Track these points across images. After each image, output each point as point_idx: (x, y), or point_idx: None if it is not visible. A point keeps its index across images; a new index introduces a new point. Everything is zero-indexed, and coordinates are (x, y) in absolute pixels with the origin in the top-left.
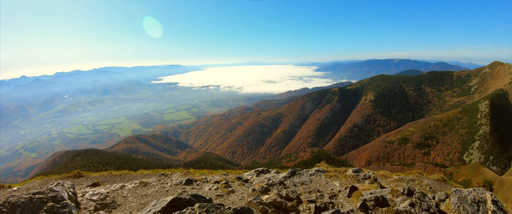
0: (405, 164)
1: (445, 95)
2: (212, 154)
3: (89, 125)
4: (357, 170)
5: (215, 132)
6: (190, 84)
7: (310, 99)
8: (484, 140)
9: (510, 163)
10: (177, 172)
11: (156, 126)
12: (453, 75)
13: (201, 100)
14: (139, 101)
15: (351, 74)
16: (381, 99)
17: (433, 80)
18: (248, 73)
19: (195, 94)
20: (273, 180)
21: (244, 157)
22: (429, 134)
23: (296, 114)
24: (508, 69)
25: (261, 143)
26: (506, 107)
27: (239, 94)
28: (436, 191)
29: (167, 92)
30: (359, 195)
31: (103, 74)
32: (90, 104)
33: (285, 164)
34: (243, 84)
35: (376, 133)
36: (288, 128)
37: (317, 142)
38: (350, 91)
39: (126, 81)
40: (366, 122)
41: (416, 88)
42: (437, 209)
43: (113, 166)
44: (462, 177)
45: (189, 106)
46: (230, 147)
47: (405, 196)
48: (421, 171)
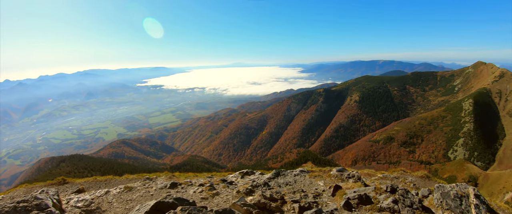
0: (390, 162)
1: (429, 95)
2: (198, 157)
3: (74, 129)
4: (341, 169)
5: (201, 134)
6: (175, 87)
7: (296, 100)
8: (468, 137)
9: (494, 158)
10: (162, 175)
11: (141, 129)
12: (437, 75)
13: (186, 102)
14: (124, 105)
15: (336, 75)
16: (366, 100)
17: (417, 80)
18: (233, 75)
19: (180, 97)
20: (257, 182)
21: (230, 159)
22: (414, 133)
23: (281, 115)
24: (491, 69)
25: (247, 144)
26: (490, 105)
27: (225, 97)
28: (420, 187)
29: (152, 95)
30: (343, 194)
31: (88, 77)
32: (75, 109)
33: (271, 165)
34: (228, 86)
35: (361, 132)
36: (274, 129)
37: (303, 142)
38: (335, 92)
39: (111, 84)
40: (352, 122)
41: (400, 88)
42: (420, 205)
43: (99, 172)
44: (447, 173)
45: (175, 109)
46: (216, 149)
47: (388, 193)
48: (405, 169)
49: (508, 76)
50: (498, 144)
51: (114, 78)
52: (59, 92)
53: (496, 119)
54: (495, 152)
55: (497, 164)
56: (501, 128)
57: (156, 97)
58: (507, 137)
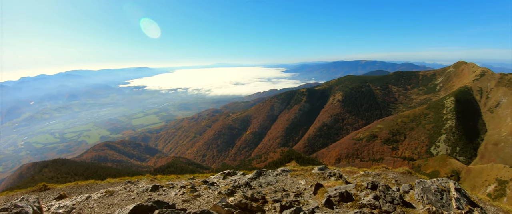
0: (374, 160)
1: (412, 94)
2: (182, 158)
3: (56, 133)
4: (322, 167)
5: (185, 135)
6: (158, 88)
7: (279, 100)
8: (450, 133)
9: (476, 153)
10: (143, 178)
11: (124, 131)
12: (419, 74)
13: (170, 103)
14: (107, 106)
15: (319, 75)
16: (349, 99)
17: (400, 79)
18: (216, 75)
19: (164, 98)
20: (239, 182)
21: (214, 160)
22: (397, 130)
23: (265, 115)
24: (472, 68)
25: (231, 145)
26: (471, 102)
27: (208, 97)
28: (401, 183)
29: (135, 96)
30: (324, 192)
31: (70, 78)
32: (57, 111)
33: (255, 165)
34: (211, 86)
35: (345, 131)
36: (258, 129)
37: (287, 142)
38: (318, 91)
39: (93, 85)
40: (335, 120)
41: (383, 87)
42: (401, 200)
43: (82, 176)
44: (430, 169)
45: (158, 110)
46: (200, 150)
47: (369, 190)
48: (387, 165)
49: (489, 75)
50: (479, 139)
51: (96, 79)
52: (41, 95)
53: (478, 115)
54: (477, 146)
55: (479, 158)
56: (482, 123)
57: (139, 98)
58: (489, 132)
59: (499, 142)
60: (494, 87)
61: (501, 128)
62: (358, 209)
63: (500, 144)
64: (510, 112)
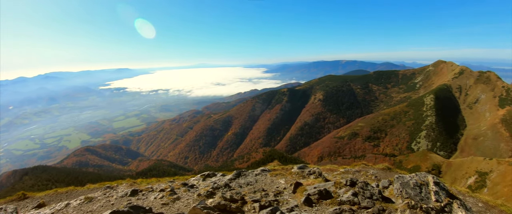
0: (356, 157)
1: (392, 92)
2: (164, 161)
3: (36, 139)
4: (302, 166)
5: (166, 138)
6: (139, 89)
7: (260, 100)
8: (431, 129)
9: (456, 147)
10: (123, 183)
11: (105, 135)
12: (399, 73)
13: (151, 105)
14: (87, 109)
15: (300, 75)
16: (329, 98)
17: (380, 79)
18: (197, 76)
19: (144, 100)
20: (218, 183)
21: (197, 162)
22: (378, 128)
23: (246, 115)
24: (451, 66)
25: (213, 146)
26: (450, 99)
27: (189, 98)
28: (381, 179)
29: (115, 98)
30: (303, 190)
31: (49, 81)
32: (37, 116)
33: (238, 166)
34: (192, 87)
35: (326, 129)
36: (239, 130)
37: (269, 141)
38: (299, 91)
39: (73, 87)
40: (316, 120)
41: (363, 86)
42: (380, 195)
43: (63, 183)
44: (411, 164)
45: (139, 112)
46: (182, 153)
47: (348, 187)
48: (367, 162)
49: (467, 73)
50: (459, 134)
51: (76, 81)
52: (20, 99)
53: (457, 112)
54: (456, 141)
55: (459, 152)
56: (462, 119)
57: (120, 101)
58: (468, 127)
59: (478, 136)
60: (472, 84)
61: (481, 122)
62: (337, 206)
63: (479, 138)
64: (489, 107)
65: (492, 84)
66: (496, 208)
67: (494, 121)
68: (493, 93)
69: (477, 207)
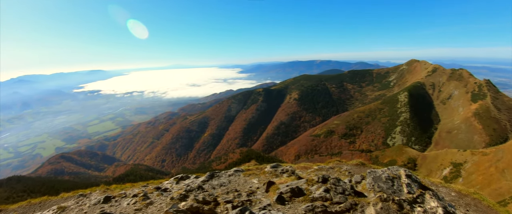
0: (332, 154)
1: (366, 90)
2: (141, 166)
3: (10, 147)
4: (275, 165)
5: (142, 141)
6: (113, 91)
7: (236, 100)
8: (405, 125)
9: (431, 141)
10: (96, 190)
11: (80, 140)
12: (373, 72)
13: (126, 108)
14: (61, 114)
15: (275, 75)
16: (305, 97)
17: (354, 78)
18: (172, 77)
19: (119, 102)
20: (192, 186)
21: (174, 165)
22: (353, 125)
23: (222, 116)
24: (424, 65)
25: (189, 148)
26: (424, 96)
27: (164, 100)
28: (354, 174)
29: (89, 101)
30: (276, 189)
31: (22, 85)
32: (10, 122)
33: (215, 167)
34: (167, 89)
35: (302, 128)
36: (216, 131)
37: (245, 142)
38: (274, 91)
39: (47, 91)
40: (292, 119)
41: (338, 85)
42: (353, 190)
43: (39, 193)
44: (387, 159)
45: (113, 115)
46: (159, 156)
47: (320, 183)
48: (340, 159)
49: (440, 71)
50: (433, 128)
51: (49, 84)
52: None
53: (431, 107)
54: (431, 135)
55: (434, 145)
56: (435, 114)
57: (94, 104)
58: (442, 121)
59: (452, 129)
60: (446, 81)
61: (454, 117)
62: (310, 203)
63: (453, 131)
64: (462, 102)
65: (464, 81)
66: (468, 196)
67: (467, 115)
68: (466, 89)
69: (450, 197)
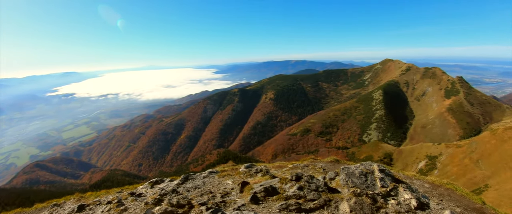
0: (309, 152)
1: (342, 89)
2: (117, 171)
3: None
4: (249, 165)
5: (118, 145)
6: (88, 94)
7: (211, 101)
8: (381, 121)
9: (406, 136)
10: (70, 198)
11: (55, 147)
12: (348, 72)
13: (101, 111)
14: (35, 120)
15: (250, 75)
16: (280, 97)
17: (330, 77)
18: (147, 78)
19: (94, 106)
20: (166, 189)
21: (151, 169)
22: (329, 123)
23: (198, 117)
24: (398, 64)
25: (166, 151)
26: (398, 93)
27: (139, 102)
28: (328, 171)
29: (63, 105)
30: (250, 189)
31: None
32: None
33: (192, 169)
34: (142, 90)
35: (279, 127)
36: (192, 133)
37: (222, 143)
38: (250, 91)
39: (20, 96)
40: (268, 118)
41: (313, 85)
42: (326, 187)
43: (14, 205)
44: (363, 154)
45: (88, 119)
46: (135, 160)
47: (294, 181)
48: (315, 156)
49: (414, 69)
50: (408, 124)
51: (22, 88)
52: None
53: (405, 104)
54: (406, 131)
55: (409, 140)
56: (410, 111)
57: (68, 108)
58: (417, 117)
59: (427, 124)
60: (419, 79)
61: (428, 112)
62: (284, 201)
63: (428, 126)
64: (436, 99)
65: (438, 78)
66: (442, 186)
67: (441, 110)
68: (439, 86)
69: (423, 188)
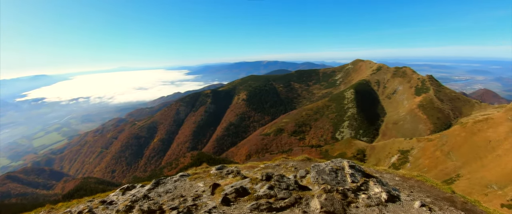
0: (283, 151)
1: (314, 89)
2: (91, 178)
3: None
4: (220, 167)
5: (90, 151)
6: (58, 98)
7: (184, 103)
8: (353, 119)
9: (378, 133)
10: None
11: (26, 156)
12: (320, 72)
13: (72, 116)
14: (4, 128)
15: (222, 76)
16: (253, 97)
17: (301, 77)
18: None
19: (65, 110)
20: (137, 195)
21: (125, 175)
22: (302, 122)
23: (171, 119)
24: (369, 64)
25: (139, 155)
26: (370, 92)
27: (111, 105)
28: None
29: (34, 111)
30: (221, 191)
31: None
32: None
33: (167, 173)
34: (114, 93)
35: (252, 128)
36: (165, 136)
37: (196, 145)
38: (222, 92)
39: None
40: (241, 119)
41: (285, 85)
42: (297, 185)
43: None
44: (337, 152)
45: (59, 125)
46: (108, 166)
47: (264, 181)
48: (287, 155)
49: (385, 69)
50: (380, 121)
51: None
52: None
53: (377, 102)
54: (378, 127)
55: (381, 136)
56: (381, 108)
57: (39, 113)
58: (388, 114)
59: (398, 120)
60: (390, 78)
61: (399, 109)
62: (254, 201)
63: (399, 122)
64: (406, 96)
65: (408, 77)
66: (412, 179)
67: (412, 107)
68: (410, 85)
69: (394, 181)
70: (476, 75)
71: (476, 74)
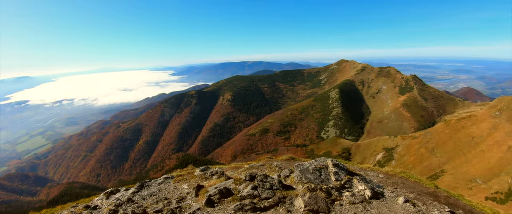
0: (269, 151)
1: (298, 89)
2: (76, 183)
3: None
4: (204, 168)
5: (75, 155)
6: (42, 101)
7: (169, 104)
8: (338, 118)
9: (363, 131)
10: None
11: (10, 162)
12: (304, 72)
13: (56, 119)
14: None
15: (207, 77)
16: (238, 98)
17: (286, 77)
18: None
19: (49, 113)
20: (121, 199)
21: (110, 178)
22: (287, 122)
23: (156, 121)
24: (353, 64)
25: (125, 158)
26: (354, 91)
27: (95, 107)
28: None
29: (17, 114)
30: (205, 192)
31: None
32: None
33: (152, 176)
34: (98, 95)
35: (237, 128)
36: (150, 137)
37: (181, 146)
38: (207, 93)
39: None
40: (226, 120)
41: (270, 85)
42: (281, 185)
43: None
44: (322, 150)
45: (43, 129)
46: (93, 170)
47: (248, 181)
48: (272, 155)
49: (369, 69)
50: (365, 120)
51: None
52: None
53: (361, 101)
54: (363, 126)
55: (366, 135)
56: (366, 107)
57: (22, 117)
58: (373, 113)
59: (382, 119)
60: (374, 78)
61: (384, 108)
62: (238, 202)
63: (384, 120)
64: (391, 95)
65: (392, 76)
66: (396, 175)
67: (396, 105)
68: (394, 84)
69: (378, 178)
70: (459, 75)
71: (460, 74)
